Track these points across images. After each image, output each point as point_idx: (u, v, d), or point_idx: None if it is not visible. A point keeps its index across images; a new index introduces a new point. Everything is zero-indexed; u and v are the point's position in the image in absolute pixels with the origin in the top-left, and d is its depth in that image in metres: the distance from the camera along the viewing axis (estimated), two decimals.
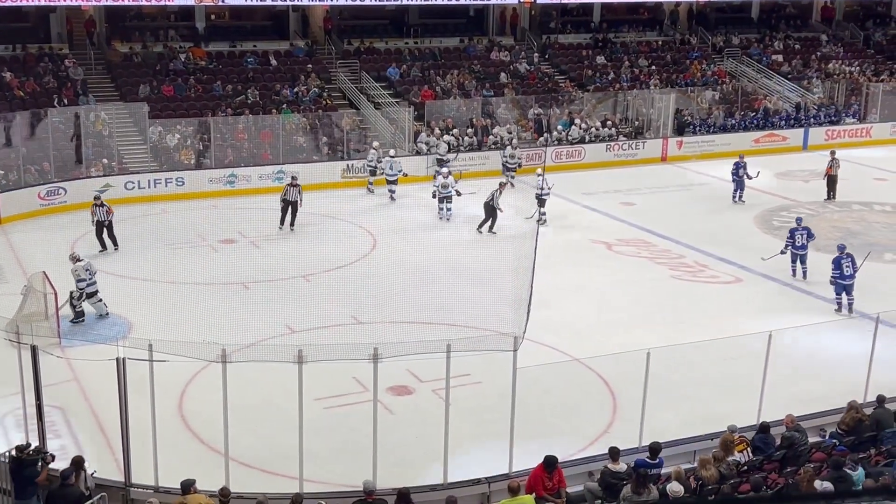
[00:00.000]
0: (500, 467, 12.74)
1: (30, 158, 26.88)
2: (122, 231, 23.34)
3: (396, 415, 14.73)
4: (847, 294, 19.24)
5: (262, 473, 13.13)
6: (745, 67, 39.78)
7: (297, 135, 30.60)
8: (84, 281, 18.15)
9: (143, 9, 34.18)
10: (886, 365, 15.10)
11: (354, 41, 36.39)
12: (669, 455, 12.75)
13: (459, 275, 20.75)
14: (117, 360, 11.76)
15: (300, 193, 24.49)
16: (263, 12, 36.52)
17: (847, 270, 19.13)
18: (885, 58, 42.57)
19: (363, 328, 17.79)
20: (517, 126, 33.18)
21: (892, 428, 13.22)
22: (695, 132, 35.08)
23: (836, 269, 19.26)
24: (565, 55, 38.72)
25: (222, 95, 31.63)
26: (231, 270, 21.20)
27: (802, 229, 20.94)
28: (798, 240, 20.76)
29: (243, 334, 15.76)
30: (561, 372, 15.88)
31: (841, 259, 19.27)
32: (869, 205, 28.00)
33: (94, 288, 18.33)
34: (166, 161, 28.99)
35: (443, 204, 25.53)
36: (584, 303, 19.84)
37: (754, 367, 14.17)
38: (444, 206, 25.54)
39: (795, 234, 21.04)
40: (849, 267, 19.16)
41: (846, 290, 19.22)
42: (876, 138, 37.23)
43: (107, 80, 32.01)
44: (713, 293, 20.72)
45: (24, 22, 32.67)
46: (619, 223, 25.46)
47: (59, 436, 13.99)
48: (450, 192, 25.45)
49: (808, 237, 20.93)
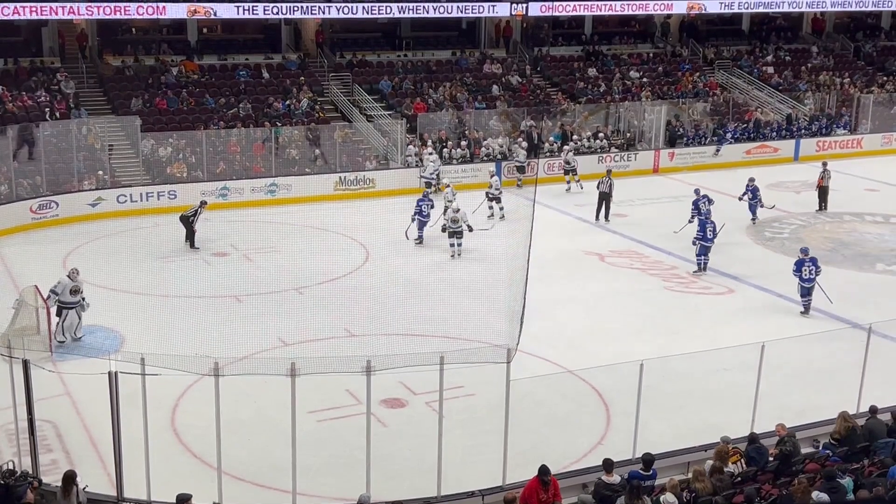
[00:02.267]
0: (494, 480, 12.70)
1: (22, 172, 26.83)
2: (114, 244, 23.29)
3: (390, 427, 14.70)
4: (808, 295, 19.96)
5: (254, 487, 13.08)
6: (736, 79, 39.93)
7: (289, 147, 30.60)
8: (56, 295, 17.60)
9: (135, 22, 34.24)
10: (879, 375, 15.12)
11: (347, 54, 36.45)
12: (663, 466, 12.74)
13: (452, 287, 20.74)
14: (109, 373, 11.71)
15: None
16: (255, 25, 36.57)
17: (807, 274, 19.83)
18: (875, 69, 42.80)
19: (356, 341, 17.76)
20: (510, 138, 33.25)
21: (885, 438, 13.22)
22: (687, 144, 35.19)
23: (798, 271, 19.95)
24: (557, 67, 38.83)
25: (214, 108, 31.63)
26: (223, 283, 21.14)
27: (810, 260, 20.18)
28: (805, 273, 20.15)
29: (236, 347, 15.73)
30: (554, 384, 15.86)
31: (804, 263, 19.88)
32: (860, 215, 28.09)
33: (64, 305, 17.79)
34: (159, 174, 28.96)
35: (453, 239, 23.38)
36: (577, 314, 19.85)
37: (747, 378, 14.18)
38: (454, 242, 23.38)
39: (706, 224, 22.77)
40: (811, 271, 19.84)
41: (809, 291, 19.87)
42: (867, 149, 37.38)
43: (99, 94, 32.01)
44: (706, 304, 20.74)
45: (16, 36, 32.65)
46: (611, 234, 25.49)
47: (51, 450, 13.93)
48: (460, 227, 23.36)
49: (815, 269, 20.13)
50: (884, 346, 16.36)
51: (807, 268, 19.83)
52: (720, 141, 34.42)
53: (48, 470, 12.66)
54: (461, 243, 23.49)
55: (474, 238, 23.55)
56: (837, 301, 20.28)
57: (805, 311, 19.93)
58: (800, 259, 20.09)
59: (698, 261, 22.47)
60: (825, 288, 20.00)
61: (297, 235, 24.78)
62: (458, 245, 23.45)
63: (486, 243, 23.78)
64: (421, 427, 14.38)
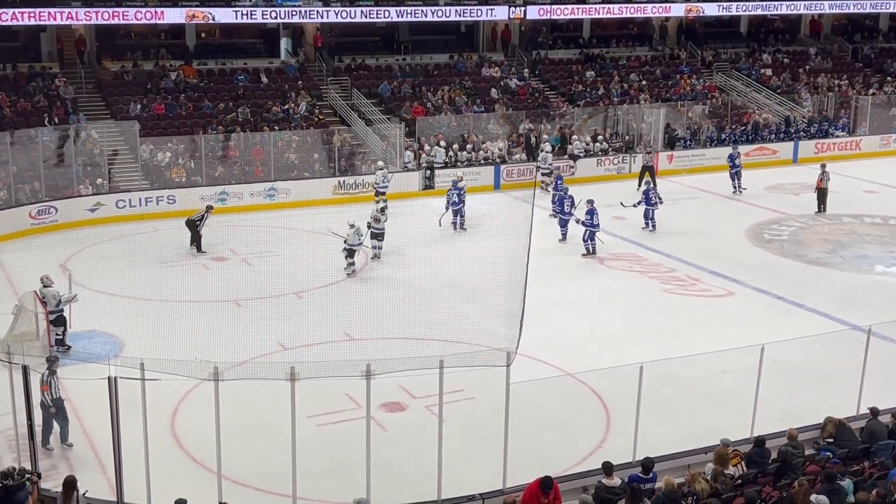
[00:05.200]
0: (494, 483, 12.69)
1: (21, 177, 26.83)
2: (113, 249, 23.28)
3: (389, 431, 14.69)
4: (591, 240, 23.91)
5: (254, 492, 13.07)
6: (735, 82, 39.96)
7: (288, 151, 30.61)
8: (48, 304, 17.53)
9: (133, 27, 34.25)
10: (879, 377, 15.11)
11: (345, 58, 36.47)
12: (663, 469, 12.72)
13: (452, 290, 20.73)
14: (109, 378, 11.69)
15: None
16: (254, 30, 36.58)
17: (597, 220, 23.97)
18: (873, 71, 42.84)
19: (356, 345, 17.75)
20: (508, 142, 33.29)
21: (885, 441, 13.23)
22: (685, 146, 35.20)
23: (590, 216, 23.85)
24: (555, 71, 38.85)
25: (213, 113, 31.64)
26: (223, 288, 21.14)
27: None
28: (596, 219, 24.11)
29: (235, 352, 15.72)
30: (554, 387, 15.86)
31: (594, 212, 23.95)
32: (859, 217, 28.10)
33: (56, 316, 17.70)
34: (157, 179, 28.96)
35: (374, 241, 23.45)
36: (576, 317, 19.85)
37: (747, 381, 14.17)
38: (375, 244, 23.51)
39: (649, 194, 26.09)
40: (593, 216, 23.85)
41: (592, 235, 23.91)
42: (865, 151, 37.40)
43: (97, 99, 32.01)
44: (705, 307, 20.74)
45: (15, 41, 32.65)
46: (610, 237, 25.50)
47: (51, 455, 13.93)
48: (381, 229, 23.46)
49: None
50: (883, 349, 16.35)
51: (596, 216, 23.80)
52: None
53: (48, 476, 12.64)
54: (381, 246, 23.47)
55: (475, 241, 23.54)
56: (837, 304, 20.33)
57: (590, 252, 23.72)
58: (590, 209, 23.91)
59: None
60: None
61: (297, 240, 24.77)
62: (378, 248, 23.40)
63: (483, 247, 23.84)
64: (421, 431, 14.38)
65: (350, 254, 22.20)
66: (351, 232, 22.17)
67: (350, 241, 22.13)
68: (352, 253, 22.15)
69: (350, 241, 22.13)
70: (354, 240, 22.18)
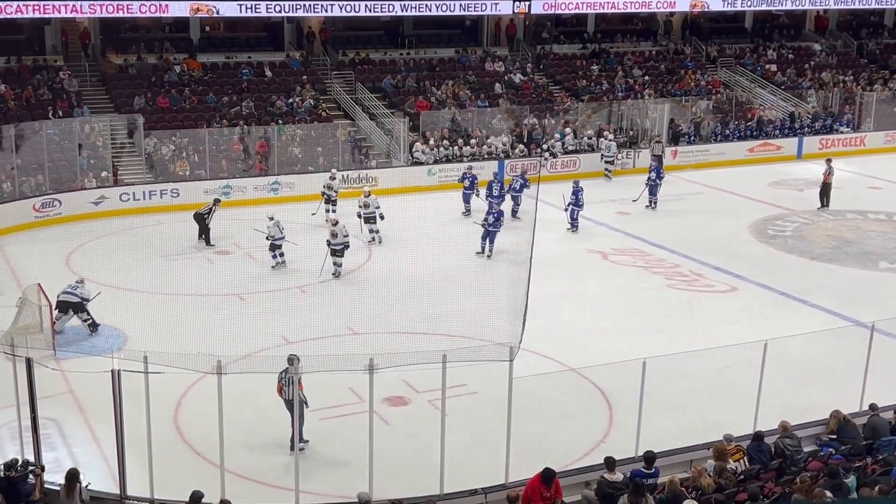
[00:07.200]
0: (496, 478, 12.71)
1: (25, 170, 26.86)
2: (117, 242, 23.30)
3: (392, 425, 14.70)
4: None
5: (257, 485, 13.09)
6: (739, 77, 39.87)
7: (292, 146, 30.61)
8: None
9: (137, 20, 34.19)
10: (882, 373, 15.10)
11: (349, 52, 36.44)
12: (666, 464, 12.74)
13: (455, 285, 20.72)
14: (112, 372, 11.73)
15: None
16: (258, 23, 36.55)
17: (582, 200, 25.33)
18: (878, 67, 42.71)
19: (359, 339, 17.77)
20: (511, 136, 33.24)
21: (888, 437, 13.22)
22: (689, 142, 35.15)
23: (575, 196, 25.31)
24: (560, 65, 38.79)
25: (217, 106, 31.63)
26: (226, 281, 21.17)
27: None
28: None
29: (239, 345, 15.73)
30: (557, 382, 15.86)
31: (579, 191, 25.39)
32: (863, 213, 28.05)
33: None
34: (161, 172, 28.98)
35: (369, 225, 24.41)
36: (579, 312, 19.84)
37: (750, 376, 14.18)
38: (371, 229, 24.38)
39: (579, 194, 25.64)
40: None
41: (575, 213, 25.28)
42: (870, 147, 37.30)
43: (102, 92, 32.01)
44: (708, 302, 20.73)
45: (19, 34, 32.65)
46: (614, 233, 25.49)
47: (54, 448, 13.96)
48: (373, 213, 24.35)
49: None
50: (886, 345, 16.34)
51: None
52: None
53: (51, 468, 12.65)
54: (377, 230, 24.30)
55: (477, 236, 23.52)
56: (840, 300, 20.31)
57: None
58: (575, 189, 25.09)
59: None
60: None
61: (300, 234, 24.76)
62: (376, 232, 24.31)
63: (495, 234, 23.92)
64: (424, 425, 14.39)
65: (337, 254, 21.65)
66: (271, 224, 22.24)
67: (271, 234, 22.19)
68: (339, 253, 21.67)
69: (271, 232, 22.19)
70: (275, 232, 22.21)
